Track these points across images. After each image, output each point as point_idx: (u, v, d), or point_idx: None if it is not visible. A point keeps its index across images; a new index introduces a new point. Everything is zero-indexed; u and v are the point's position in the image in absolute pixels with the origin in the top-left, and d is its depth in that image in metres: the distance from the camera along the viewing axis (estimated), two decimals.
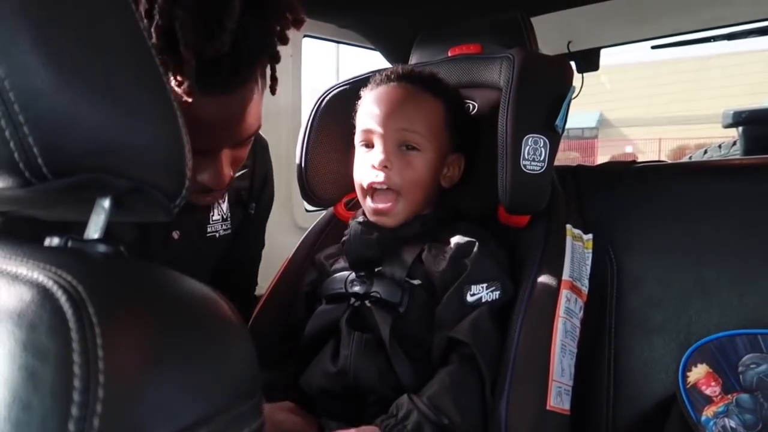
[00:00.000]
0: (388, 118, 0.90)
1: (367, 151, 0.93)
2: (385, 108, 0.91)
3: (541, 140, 0.84)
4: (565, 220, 0.91)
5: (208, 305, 0.40)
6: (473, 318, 0.79)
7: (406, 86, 0.92)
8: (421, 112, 0.91)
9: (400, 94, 0.91)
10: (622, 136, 17.24)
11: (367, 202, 0.92)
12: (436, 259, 0.86)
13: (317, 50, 2.05)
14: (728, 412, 0.63)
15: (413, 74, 0.94)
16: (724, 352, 0.70)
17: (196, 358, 0.36)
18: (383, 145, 0.90)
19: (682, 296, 0.93)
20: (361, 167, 0.94)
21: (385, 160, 0.88)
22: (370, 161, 0.90)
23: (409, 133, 0.90)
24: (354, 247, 0.91)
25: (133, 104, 0.42)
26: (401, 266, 0.87)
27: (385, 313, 0.84)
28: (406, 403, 0.75)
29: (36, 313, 0.32)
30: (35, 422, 0.28)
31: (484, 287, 0.82)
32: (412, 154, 0.90)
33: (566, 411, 0.79)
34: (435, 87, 0.93)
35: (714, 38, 1.86)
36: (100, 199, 0.45)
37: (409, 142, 0.90)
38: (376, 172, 0.89)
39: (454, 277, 0.83)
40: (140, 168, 0.43)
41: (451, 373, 0.77)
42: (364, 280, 0.89)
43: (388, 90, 0.93)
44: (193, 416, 0.34)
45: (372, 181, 0.90)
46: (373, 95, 0.94)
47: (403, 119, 0.90)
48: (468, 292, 0.82)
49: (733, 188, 0.99)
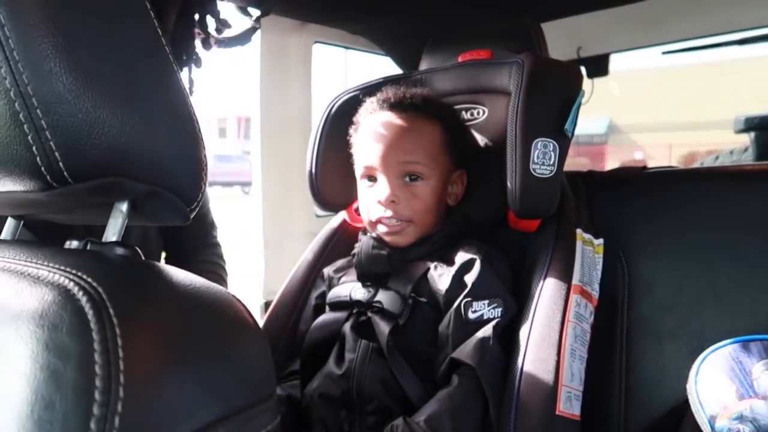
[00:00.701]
0: (389, 151, 0.90)
1: (370, 185, 0.93)
2: (383, 141, 0.90)
3: (551, 144, 0.84)
4: (575, 224, 0.91)
5: (224, 307, 0.40)
6: (478, 339, 0.78)
7: (401, 115, 0.92)
8: (421, 141, 0.91)
9: (397, 125, 0.91)
10: (632, 142, 17.16)
11: (378, 229, 0.93)
12: (441, 278, 0.87)
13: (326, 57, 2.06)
14: (742, 419, 0.63)
15: (406, 101, 0.93)
16: (737, 358, 0.70)
17: (214, 359, 0.37)
18: (387, 179, 0.90)
19: (693, 302, 0.93)
20: (366, 202, 0.94)
21: (391, 195, 0.89)
22: (376, 197, 0.90)
23: (412, 165, 0.90)
24: (364, 262, 0.92)
25: (152, 109, 0.43)
26: (408, 282, 0.88)
27: (384, 323, 0.84)
28: (401, 425, 0.74)
29: (58, 314, 0.32)
30: (58, 420, 0.29)
31: (485, 304, 0.82)
32: (416, 184, 0.90)
33: (576, 416, 0.78)
34: (430, 110, 0.93)
35: (725, 44, 1.85)
36: (118, 203, 0.46)
37: (412, 172, 0.90)
38: (384, 207, 0.90)
39: (455, 295, 0.83)
40: (158, 172, 0.44)
41: (452, 396, 0.76)
42: (370, 289, 0.89)
43: (384, 121, 0.92)
44: (211, 415, 0.34)
45: (380, 216, 0.90)
46: (369, 126, 0.94)
47: (403, 151, 0.90)
48: (469, 309, 0.81)
49: (745, 193, 0.98)
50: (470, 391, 0.76)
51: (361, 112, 0.98)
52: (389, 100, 0.93)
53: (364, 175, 0.94)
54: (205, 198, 1.22)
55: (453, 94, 1.05)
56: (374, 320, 0.86)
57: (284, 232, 1.58)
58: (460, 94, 1.04)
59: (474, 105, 1.03)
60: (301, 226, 1.60)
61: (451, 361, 0.79)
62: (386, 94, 0.95)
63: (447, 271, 0.87)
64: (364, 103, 0.98)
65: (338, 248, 1.09)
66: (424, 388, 0.80)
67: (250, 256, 1.54)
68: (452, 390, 0.77)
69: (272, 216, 1.55)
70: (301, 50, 1.52)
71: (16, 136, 0.37)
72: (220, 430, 0.34)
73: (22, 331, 0.32)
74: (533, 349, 0.78)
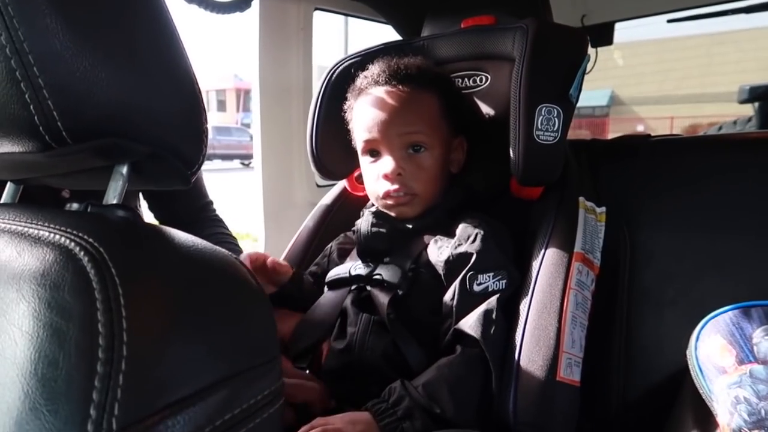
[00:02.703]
0: (389, 124, 0.89)
1: (373, 160, 0.93)
2: (383, 115, 0.89)
3: (555, 110, 0.83)
4: (578, 192, 0.90)
5: (227, 268, 0.40)
6: (482, 311, 0.78)
7: (398, 87, 0.90)
8: (420, 111, 0.90)
9: (395, 98, 0.90)
10: (634, 114, 17.03)
11: (385, 203, 0.93)
12: (441, 250, 0.86)
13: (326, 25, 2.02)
14: (741, 383, 0.63)
15: (401, 72, 0.91)
16: (738, 323, 0.70)
17: (217, 320, 0.36)
18: (391, 153, 0.89)
19: (695, 270, 0.93)
20: (371, 177, 0.93)
21: (396, 168, 0.89)
22: (381, 171, 0.90)
23: (414, 135, 0.89)
24: (364, 239, 0.92)
25: (152, 69, 0.42)
26: (408, 256, 0.89)
27: (384, 294, 0.85)
28: (398, 388, 0.74)
29: (59, 273, 0.32)
30: (62, 378, 0.29)
31: (490, 276, 0.82)
32: (420, 155, 0.90)
33: (576, 382, 0.79)
34: (425, 80, 0.92)
35: (730, 11, 1.82)
36: (118, 166, 0.45)
37: (415, 143, 0.90)
38: (390, 181, 0.89)
39: (457, 266, 0.83)
40: (158, 134, 0.43)
41: (452, 365, 0.76)
42: (369, 264, 0.90)
43: (382, 95, 0.91)
44: (215, 376, 0.34)
45: (388, 189, 0.90)
46: (367, 102, 0.92)
47: (404, 123, 0.89)
48: (474, 282, 0.81)
49: (748, 162, 0.97)
50: (472, 361, 0.77)
51: (355, 90, 0.96)
52: (383, 74, 0.92)
53: (366, 150, 0.93)
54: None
55: (455, 61, 1.03)
56: (374, 293, 0.86)
57: (285, 203, 1.57)
58: (462, 61, 1.03)
59: (477, 72, 1.01)
60: (302, 197, 1.60)
61: (455, 332, 0.79)
62: (379, 68, 0.93)
63: (447, 243, 0.87)
64: (357, 78, 0.97)
65: (339, 216, 1.09)
66: (427, 358, 0.81)
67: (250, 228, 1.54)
68: (453, 359, 0.77)
69: (273, 186, 1.55)
70: (301, 17, 1.49)
71: (13, 94, 0.36)
72: (223, 390, 0.34)
73: (24, 290, 0.32)
74: (534, 315, 0.78)
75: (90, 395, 0.29)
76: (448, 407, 0.72)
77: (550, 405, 0.74)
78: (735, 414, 0.63)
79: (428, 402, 0.72)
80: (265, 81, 1.48)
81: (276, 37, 1.47)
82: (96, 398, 0.29)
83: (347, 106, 0.98)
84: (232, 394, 0.35)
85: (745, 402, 0.63)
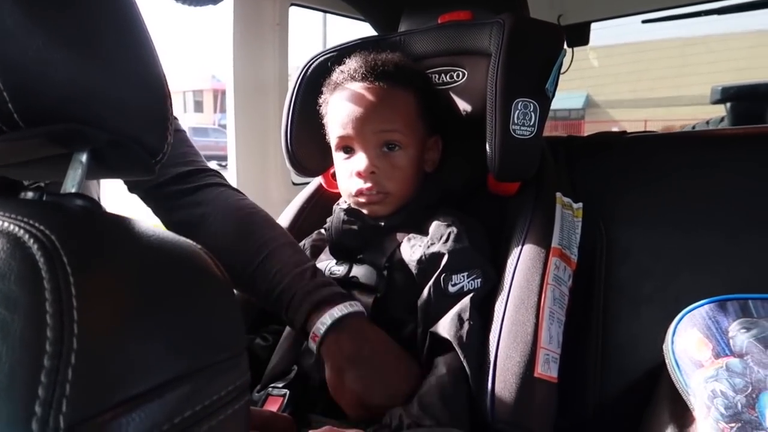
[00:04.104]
0: (365, 121, 0.87)
1: (346, 157, 0.91)
2: (358, 111, 0.88)
3: (531, 104, 0.82)
4: (554, 188, 0.90)
5: (190, 260, 0.38)
6: (456, 312, 0.77)
7: (375, 84, 0.89)
8: (396, 109, 0.89)
9: (371, 94, 0.88)
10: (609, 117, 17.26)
11: (357, 201, 0.91)
12: (413, 249, 0.85)
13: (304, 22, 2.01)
14: (718, 376, 0.63)
15: (378, 68, 0.90)
16: (714, 317, 0.70)
17: (179, 312, 0.35)
18: (365, 151, 0.88)
19: (671, 266, 0.93)
20: (344, 175, 0.92)
21: (370, 166, 0.87)
22: (354, 168, 0.88)
23: (389, 133, 0.88)
24: (335, 236, 0.90)
25: (113, 53, 0.41)
26: (381, 254, 0.87)
27: (364, 297, 0.84)
28: (399, 413, 0.72)
29: (5, 262, 0.30)
30: (4, 372, 0.27)
31: (464, 276, 0.81)
32: (395, 153, 0.89)
33: (554, 379, 0.78)
34: (402, 77, 0.90)
35: (704, 12, 1.85)
36: (77, 154, 0.43)
37: (390, 141, 0.88)
38: (363, 179, 0.88)
39: (430, 267, 0.82)
40: (119, 120, 0.41)
41: (441, 378, 0.74)
42: (344, 265, 0.89)
43: (357, 92, 0.89)
44: (175, 370, 0.32)
45: (360, 188, 0.88)
46: (342, 97, 0.91)
47: (379, 120, 0.87)
48: (449, 283, 0.80)
49: (721, 157, 0.98)
50: (457, 368, 0.75)
51: (330, 84, 0.94)
52: (360, 69, 0.90)
53: (340, 146, 0.92)
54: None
55: (432, 56, 1.02)
56: (354, 296, 0.84)
57: (260, 201, 1.54)
58: (439, 56, 1.02)
59: (453, 67, 1.00)
60: (278, 195, 1.57)
61: (431, 335, 0.78)
62: (356, 63, 0.92)
63: (420, 242, 0.85)
64: (333, 72, 0.95)
65: (315, 213, 1.07)
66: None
67: None
68: (440, 371, 0.75)
69: (247, 184, 1.52)
70: (276, 12, 1.47)
71: None
72: (183, 386, 0.32)
73: None
74: (512, 310, 0.78)
75: (35, 391, 0.26)
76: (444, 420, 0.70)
77: (529, 402, 0.73)
78: (712, 408, 0.62)
79: (423, 415, 0.70)
80: (240, 78, 1.45)
81: (251, 32, 1.45)
82: (42, 394, 0.26)
83: (322, 100, 0.97)
84: (194, 390, 0.33)
85: (721, 395, 0.62)
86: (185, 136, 0.96)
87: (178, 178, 0.89)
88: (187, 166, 0.91)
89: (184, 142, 0.94)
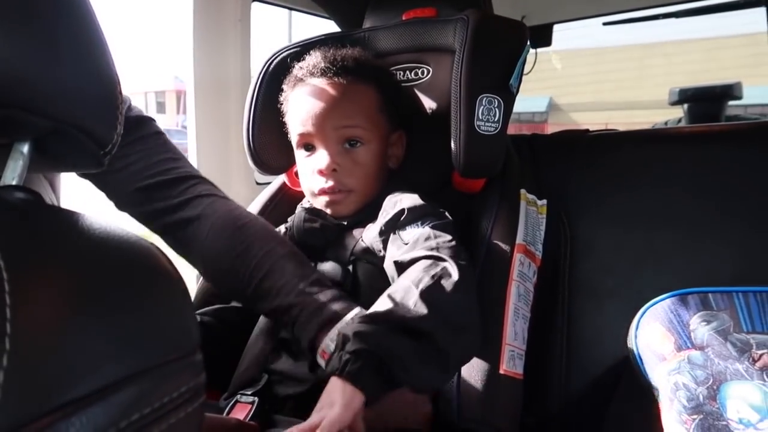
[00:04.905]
0: (325, 117, 0.86)
1: (308, 154, 0.90)
2: (318, 107, 0.86)
3: (496, 100, 0.82)
4: (519, 184, 0.90)
5: (140, 255, 0.36)
6: (416, 237, 0.76)
7: (334, 79, 0.87)
8: (357, 104, 0.87)
9: (332, 90, 0.87)
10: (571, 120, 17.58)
11: (319, 200, 0.90)
12: (372, 228, 0.84)
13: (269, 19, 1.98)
14: (680, 369, 0.64)
15: (338, 64, 0.88)
16: (676, 310, 0.71)
17: (126, 310, 0.32)
18: (326, 147, 0.87)
19: (633, 262, 0.94)
20: (306, 173, 0.90)
21: (331, 163, 0.86)
22: (316, 166, 0.87)
23: (351, 129, 0.87)
24: (297, 236, 0.89)
25: (54, 35, 0.38)
26: (345, 250, 0.86)
27: None
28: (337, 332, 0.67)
29: None
30: None
31: (419, 224, 0.79)
32: (357, 149, 0.87)
33: (519, 375, 0.78)
34: (363, 72, 0.89)
35: (661, 15, 1.89)
36: (17, 143, 0.40)
37: (351, 137, 0.87)
38: (325, 177, 0.86)
39: (390, 229, 0.81)
40: (63, 107, 0.39)
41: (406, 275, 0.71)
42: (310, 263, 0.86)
43: (317, 87, 0.88)
44: (120, 372, 0.30)
45: (322, 187, 0.87)
46: (303, 94, 0.89)
47: (340, 116, 0.86)
48: (404, 234, 0.79)
49: (681, 154, 1.00)
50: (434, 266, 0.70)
51: (291, 80, 0.93)
52: (320, 64, 0.88)
53: (301, 144, 0.90)
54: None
55: (396, 53, 1.01)
56: None
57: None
58: (403, 53, 1.01)
59: (418, 64, 1.00)
60: (241, 196, 1.54)
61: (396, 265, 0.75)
62: (316, 59, 0.90)
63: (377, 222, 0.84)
64: (292, 69, 0.93)
65: (278, 212, 1.05)
66: None
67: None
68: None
69: None
70: (238, 8, 1.44)
71: None
72: (130, 387, 0.30)
73: None
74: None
75: None
76: (418, 311, 0.64)
77: (495, 399, 0.72)
78: (675, 400, 0.63)
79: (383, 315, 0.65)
80: (201, 75, 1.42)
81: (211, 28, 1.41)
82: None
83: (283, 97, 0.95)
84: (142, 392, 0.31)
85: (684, 388, 0.63)
86: (166, 139, 0.89)
87: (163, 187, 0.84)
88: (169, 174, 0.85)
89: (165, 146, 0.88)
